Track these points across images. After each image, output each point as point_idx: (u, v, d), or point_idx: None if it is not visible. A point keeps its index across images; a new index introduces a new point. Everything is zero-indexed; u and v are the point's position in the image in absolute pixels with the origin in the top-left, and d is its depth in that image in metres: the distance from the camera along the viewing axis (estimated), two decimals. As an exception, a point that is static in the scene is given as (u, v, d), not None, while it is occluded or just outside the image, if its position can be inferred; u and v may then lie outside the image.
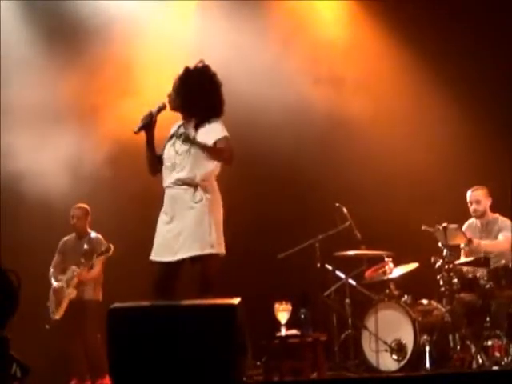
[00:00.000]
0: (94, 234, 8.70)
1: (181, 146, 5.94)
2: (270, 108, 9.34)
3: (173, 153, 5.99)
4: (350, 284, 8.21)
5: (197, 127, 5.99)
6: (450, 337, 7.72)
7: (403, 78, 9.41)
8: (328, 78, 9.47)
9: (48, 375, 7.78)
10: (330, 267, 8.22)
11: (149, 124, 6.03)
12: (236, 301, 4.66)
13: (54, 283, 8.58)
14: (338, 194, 8.57)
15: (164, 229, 5.93)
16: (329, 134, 9.41)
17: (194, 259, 5.82)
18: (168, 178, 5.96)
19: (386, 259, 8.26)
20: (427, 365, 7.65)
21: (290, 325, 7.08)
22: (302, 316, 7.19)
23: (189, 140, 5.86)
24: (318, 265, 8.18)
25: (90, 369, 8.44)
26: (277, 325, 7.07)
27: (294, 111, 9.38)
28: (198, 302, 4.82)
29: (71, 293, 8.45)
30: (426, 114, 9.32)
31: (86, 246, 8.59)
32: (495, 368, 7.31)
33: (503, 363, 7.34)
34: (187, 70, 6.07)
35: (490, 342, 7.47)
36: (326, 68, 9.54)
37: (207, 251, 5.79)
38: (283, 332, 7.05)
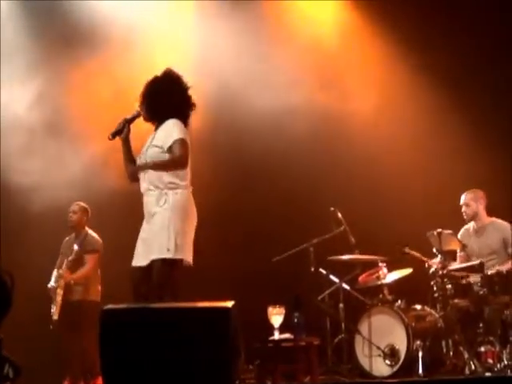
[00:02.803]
0: (89, 234, 8.67)
1: (146, 152, 6.08)
2: (264, 112, 9.36)
3: (141, 159, 6.13)
4: (344, 288, 8.21)
5: (156, 129, 6.13)
6: (443, 342, 7.72)
7: (400, 82, 9.42)
8: (323, 82, 9.48)
9: (41, 375, 7.77)
10: (324, 271, 8.22)
11: (121, 131, 6.17)
12: (230, 304, 4.66)
13: (50, 283, 8.56)
14: (333, 199, 8.58)
15: (140, 234, 6.07)
16: (325, 138, 9.42)
17: (154, 263, 5.90)
18: (141, 184, 6.10)
19: (380, 264, 8.26)
20: (420, 370, 7.63)
21: (283, 328, 7.06)
22: (296, 320, 7.17)
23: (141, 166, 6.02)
24: (312, 269, 8.18)
25: (83, 370, 8.42)
26: (270, 328, 7.05)
27: (289, 115, 9.39)
28: (192, 305, 4.81)
29: (59, 293, 8.42)
30: (423, 118, 9.33)
31: (75, 247, 8.56)
32: (488, 374, 7.31)
33: (496, 370, 7.34)
34: (154, 78, 6.21)
35: (482, 348, 7.47)
36: (322, 72, 9.54)
37: (163, 256, 5.85)
38: (276, 336, 7.03)
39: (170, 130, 6.01)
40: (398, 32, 9.32)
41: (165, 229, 5.87)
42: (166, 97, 6.11)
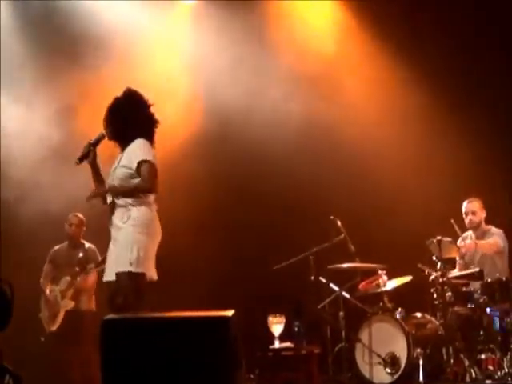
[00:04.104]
0: (88, 245, 8.67)
1: (114, 173, 6.17)
2: (264, 120, 9.38)
3: (109, 181, 6.22)
4: (344, 297, 8.20)
5: (123, 150, 6.19)
6: (444, 350, 7.72)
7: (399, 90, 9.42)
8: (322, 91, 9.49)
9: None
10: (324, 280, 8.21)
11: (87, 154, 6.23)
12: (230, 313, 4.66)
13: (47, 294, 8.54)
14: (333, 207, 8.57)
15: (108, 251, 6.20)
16: (324, 146, 9.42)
17: (119, 276, 6.01)
18: (108, 201, 6.19)
19: (380, 272, 8.26)
20: (421, 378, 7.62)
21: (283, 337, 7.07)
22: (296, 328, 7.17)
23: (99, 194, 6.16)
24: (312, 277, 8.17)
25: (82, 380, 8.40)
26: (270, 337, 7.05)
27: (289, 123, 9.40)
28: (192, 314, 4.81)
29: (68, 304, 8.39)
30: (423, 128, 9.33)
31: (81, 255, 8.54)
32: (488, 382, 7.32)
33: (496, 377, 7.34)
34: (116, 100, 6.26)
35: (483, 356, 7.47)
36: (321, 81, 9.54)
37: (126, 269, 5.95)
38: (277, 344, 7.04)
39: (137, 151, 6.09)
40: (398, 38, 9.32)
41: (128, 243, 5.98)
42: (129, 117, 6.17)
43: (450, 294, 7.82)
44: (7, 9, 9.68)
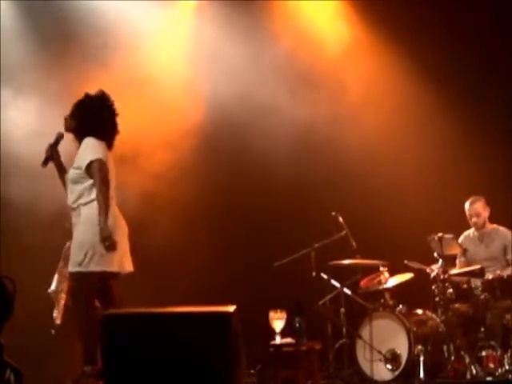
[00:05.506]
0: None
1: (68, 172, 6.28)
2: (266, 117, 9.37)
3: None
4: (345, 293, 8.21)
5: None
6: (445, 347, 7.74)
7: (403, 89, 9.41)
8: (327, 88, 9.49)
9: (42, 379, 7.77)
10: (325, 276, 8.21)
11: (51, 156, 6.36)
12: (231, 308, 4.66)
13: (50, 288, 8.58)
14: (334, 203, 8.58)
15: None
16: (326, 143, 9.42)
17: (71, 275, 6.26)
18: None
19: (382, 269, 8.26)
20: (421, 375, 7.64)
21: (284, 333, 7.06)
22: (297, 325, 7.16)
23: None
24: (314, 273, 8.18)
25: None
26: (271, 333, 7.05)
27: (292, 121, 9.40)
28: (194, 309, 4.82)
29: (63, 298, 8.43)
30: (424, 125, 9.33)
31: None
32: (489, 379, 7.34)
33: (497, 374, 7.37)
34: (87, 96, 6.35)
35: (484, 353, 7.49)
36: (326, 77, 9.54)
37: (75, 269, 6.12)
38: (278, 340, 7.03)
39: (85, 150, 6.19)
40: (404, 38, 9.30)
41: (76, 244, 6.16)
42: (93, 115, 6.26)
43: (451, 291, 7.83)
44: (14, 8, 9.66)
